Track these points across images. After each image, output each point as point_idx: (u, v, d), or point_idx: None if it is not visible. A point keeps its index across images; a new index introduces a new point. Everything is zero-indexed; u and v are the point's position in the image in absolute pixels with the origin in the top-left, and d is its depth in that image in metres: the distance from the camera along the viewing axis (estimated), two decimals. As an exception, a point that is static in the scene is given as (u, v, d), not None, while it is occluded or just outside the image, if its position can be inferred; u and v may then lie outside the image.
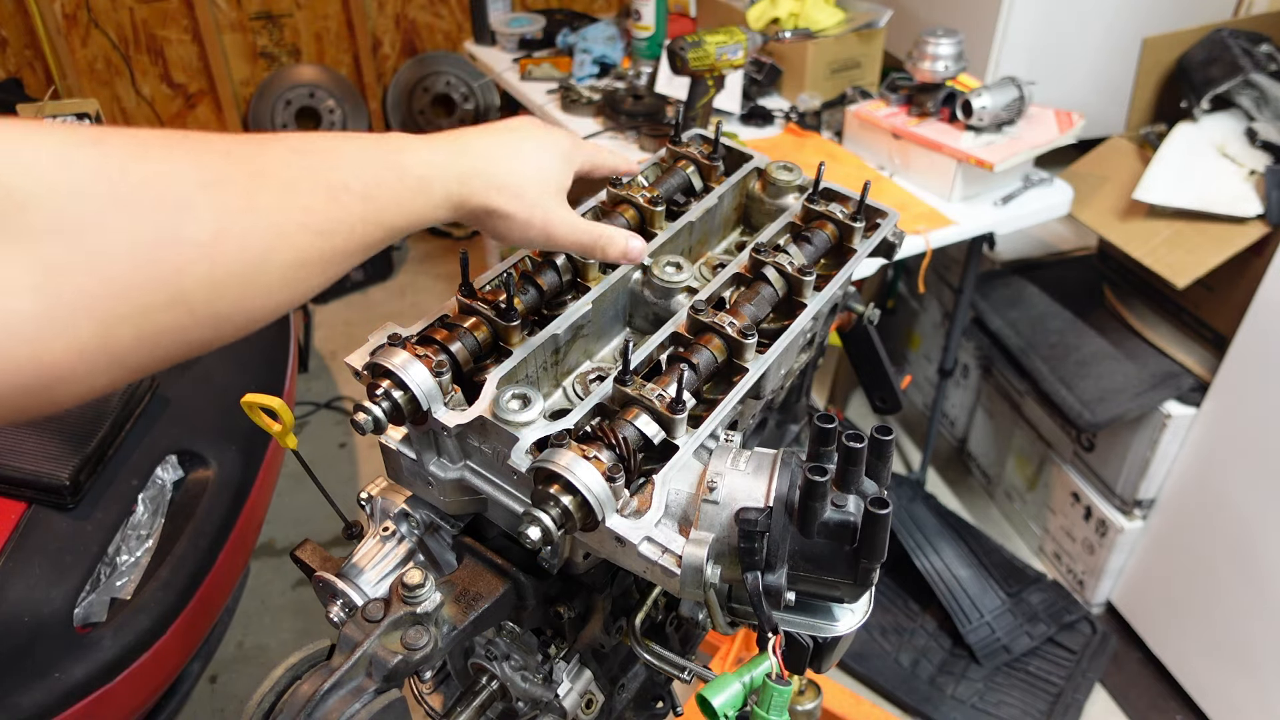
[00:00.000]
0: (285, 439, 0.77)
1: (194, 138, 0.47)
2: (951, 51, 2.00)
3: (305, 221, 0.49)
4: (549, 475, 0.62)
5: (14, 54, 3.55)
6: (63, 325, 0.40)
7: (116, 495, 1.50)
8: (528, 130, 0.68)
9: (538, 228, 0.65)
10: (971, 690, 2.18)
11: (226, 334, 0.48)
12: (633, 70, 2.49)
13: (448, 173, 0.59)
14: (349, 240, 0.52)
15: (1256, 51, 2.01)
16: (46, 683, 1.31)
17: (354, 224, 0.52)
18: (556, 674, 0.84)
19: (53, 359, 0.40)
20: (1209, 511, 2.03)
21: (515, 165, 0.64)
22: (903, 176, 2.06)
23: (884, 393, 1.18)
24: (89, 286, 0.40)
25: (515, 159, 0.64)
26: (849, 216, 0.87)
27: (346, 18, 3.98)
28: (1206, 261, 1.88)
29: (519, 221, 0.64)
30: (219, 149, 0.47)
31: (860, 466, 0.62)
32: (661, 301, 0.82)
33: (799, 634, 0.67)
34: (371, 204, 0.53)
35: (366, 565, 0.77)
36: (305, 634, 2.30)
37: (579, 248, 0.70)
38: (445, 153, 0.60)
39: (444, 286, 3.61)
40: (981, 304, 2.39)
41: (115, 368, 0.43)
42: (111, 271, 0.41)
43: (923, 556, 2.35)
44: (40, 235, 0.38)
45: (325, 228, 0.50)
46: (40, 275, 0.39)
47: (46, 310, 0.39)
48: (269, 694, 0.63)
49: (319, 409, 3.02)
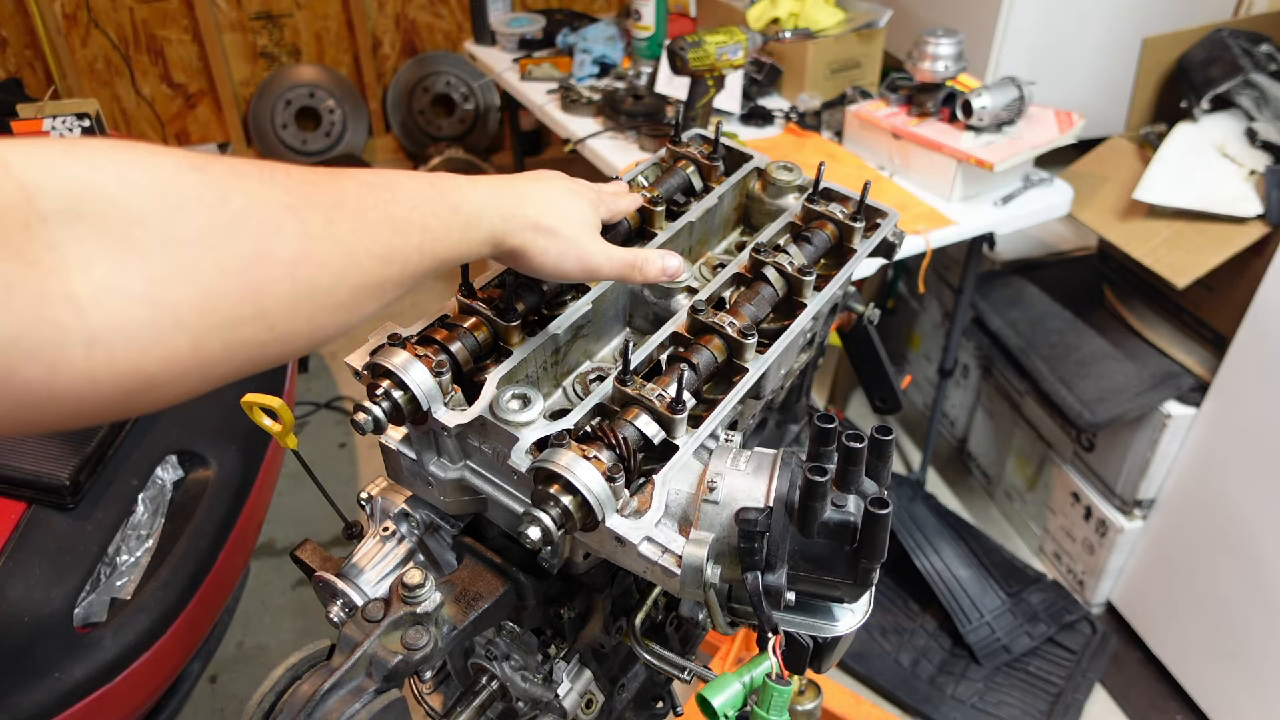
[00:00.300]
0: (285, 439, 0.77)
1: (281, 168, 0.51)
2: (951, 51, 2.00)
3: (372, 249, 0.53)
4: (549, 475, 0.62)
5: (14, 54, 3.55)
6: (164, 333, 0.43)
7: (116, 495, 1.50)
8: (556, 180, 0.73)
9: (573, 260, 0.69)
10: (971, 690, 2.18)
11: (297, 349, 0.51)
12: (633, 70, 2.49)
13: (493, 211, 0.63)
14: (405, 269, 0.56)
15: (1256, 51, 2.01)
16: (46, 683, 1.31)
17: (411, 254, 0.56)
18: (556, 674, 0.84)
19: (151, 365, 0.43)
20: (1209, 511, 2.03)
21: (550, 206, 0.68)
22: (903, 176, 2.06)
23: (884, 393, 1.18)
24: (187, 298, 0.43)
25: (550, 201, 0.69)
26: (849, 216, 0.87)
27: (346, 18, 3.98)
28: (1206, 261, 1.88)
29: (554, 255, 0.68)
30: (302, 177, 0.51)
31: (860, 466, 0.62)
32: (661, 301, 0.82)
33: (799, 634, 0.67)
34: (428, 235, 0.57)
35: (366, 565, 0.77)
36: (305, 634, 2.30)
37: (618, 275, 0.73)
38: (489, 193, 0.64)
39: (444, 286, 3.61)
40: (981, 304, 2.39)
41: (201, 376, 0.46)
42: (208, 285, 0.44)
43: (923, 556, 2.35)
44: (150, 249, 0.42)
45: (388, 255, 0.54)
46: (149, 285, 0.42)
47: (151, 318, 0.42)
48: (269, 694, 0.63)
49: (319, 409, 3.02)
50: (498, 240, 0.64)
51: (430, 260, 0.58)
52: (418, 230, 0.57)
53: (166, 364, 0.43)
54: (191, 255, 0.43)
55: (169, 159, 0.44)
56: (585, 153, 2.25)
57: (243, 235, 0.46)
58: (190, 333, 0.44)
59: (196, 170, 0.45)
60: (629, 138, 2.21)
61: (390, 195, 0.56)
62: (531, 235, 0.66)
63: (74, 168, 0.41)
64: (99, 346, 0.40)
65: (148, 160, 0.43)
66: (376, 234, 0.54)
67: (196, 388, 0.47)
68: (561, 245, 0.68)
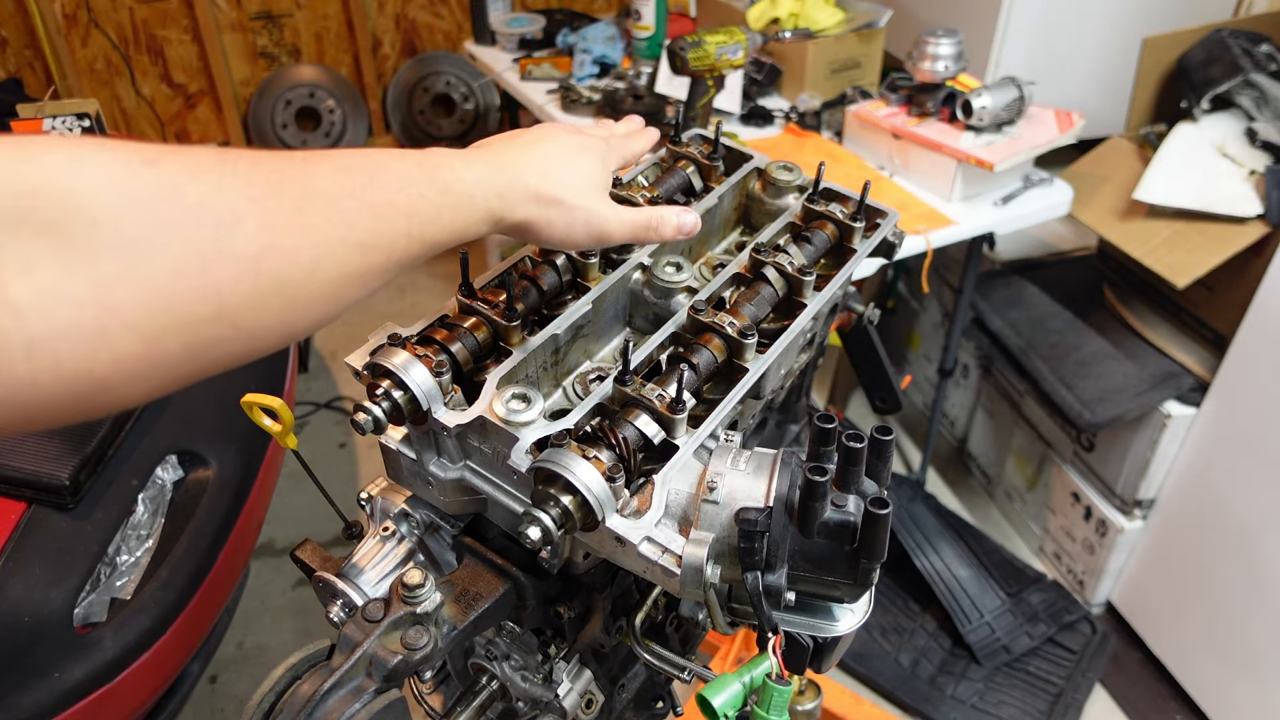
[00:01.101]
0: (285, 439, 0.77)
1: (247, 156, 0.48)
2: (951, 51, 2.00)
3: (349, 237, 0.51)
4: (549, 475, 0.62)
5: (14, 54, 3.54)
6: (111, 336, 0.41)
7: (116, 495, 1.50)
8: (560, 138, 0.68)
9: (581, 228, 0.66)
10: (971, 690, 2.18)
11: (269, 345, 0.49)
12: (633, 70, 2.49)
13: (489, 189, 0.60)
14: (390, 256, 0.53)
15: (1256, 51, 2.01)
16: (46, 683, 1.31)
17: (396, 239, 0.53)
18: (556, 674, 0.84)
19: (101, 368, 0.42)
20: (1209, 511, 2.03)
21: (551, 173, 0.64)
22: (903, 176, 2.06)
23: (884, 393, 1.18)
24: (138, 300, 0.42)
25: (550, 167, 0.65)
26: (849, 216, 0.87)
27: (346, 18, 3.97)
28: (1206, 261, 1.88)
29: (560, 227, 0.65)
30: (269, 166, 0.48)
31: (860, 466, 0.62)
32: (661, 301, 0.82)
33: (799, 634, 0.67)
34: (415, 220, 0.54)
35: (366, 565, 0.77)
36: (305, 634, 2.30)
37: (631, 237, 0.70)
38: (483, 168, 0.60)
39: (444, 286, 3.61)
40: (981, 304, 2.39)
41: (160, 377, 0.45)
42: (160, 286, 0.42)
43: (923, 556, 2.35)
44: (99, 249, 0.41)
45: (369, 243, 0.52)
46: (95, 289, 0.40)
47: (96, 321, 0.41)
48: (269, 694, 0.63)
49: (319, 409, 3.02)
50: (498, 218, 0.61)
51: (420, 245, 0.55)
52: (403, 215, 0.54)
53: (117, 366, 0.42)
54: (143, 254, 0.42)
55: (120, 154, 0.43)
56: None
57: (199, 231, 0.44)
58: (142, 334, 0.42)
59: (150, 165, 0.43)
60: (629, 138, 2.20)
61: (370, 179, 0.53)
62: (534, 208, 0.63)
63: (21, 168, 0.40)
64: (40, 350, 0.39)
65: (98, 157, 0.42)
66: (355, 221, 0.51)
67: (158, 388, 0.46)
68: (568, 215, 0.64)
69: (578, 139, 0.69)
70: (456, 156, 0.60)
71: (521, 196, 0.62)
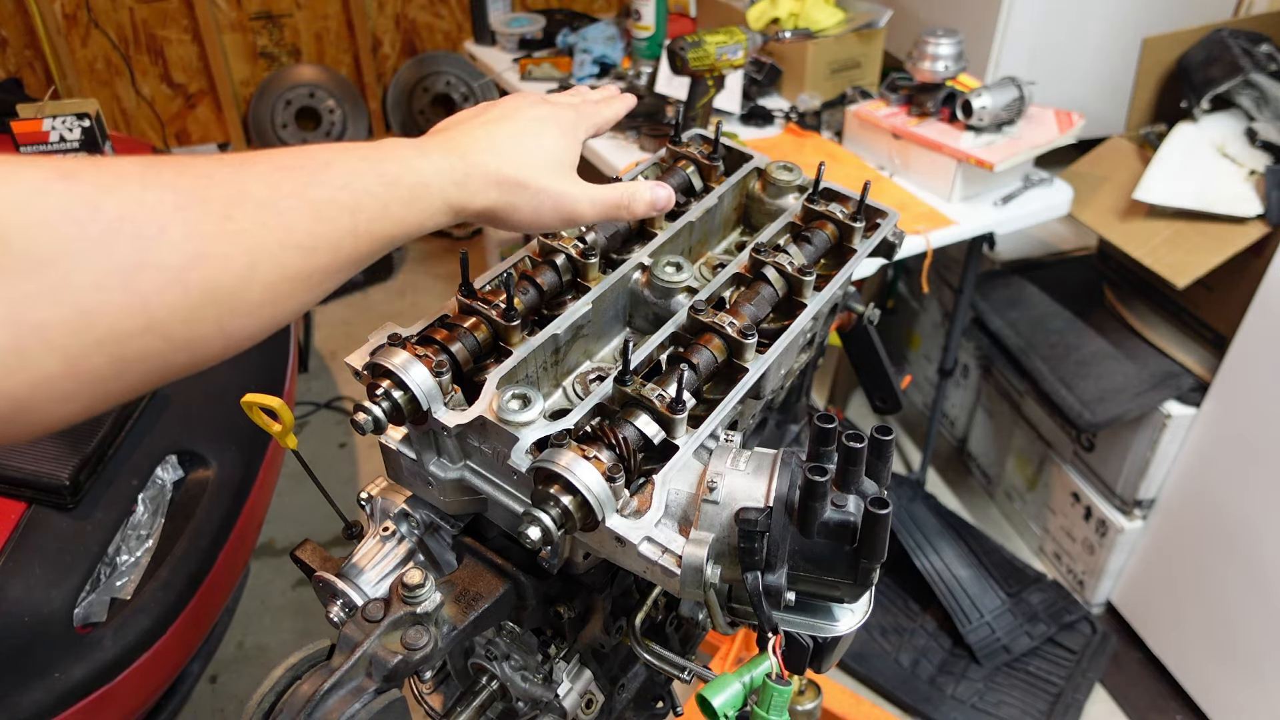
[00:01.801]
0: (285, 439, 0.77)
1: (173, 164, 0.46)
2: (951, 51, 2.00)
3: (287, 240, 0.49)
4: (549, 475, 0.61)
5: (14, 54, 3.55)
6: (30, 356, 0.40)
7: (116, 495, 1.50)
8: (522, 112, 0.65)
9: (549, 211, 0.63)
10: (971, 690, 2.18)
11: (209, 356, 0.48)
12: (633, 70, 2.49)
13: (445, 178, 0.57)
14: (336, 256, 0.51)
15: (1256, 51, 2.01)
16: (46, 683, 1.31)
17: (341, 238, 0.51)
18: (556, 674, 0.84)
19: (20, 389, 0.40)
20: (1209, 511, 2.03)
21: (513, 154, 0.61)
22: (903, 176, 2.06)
23: (884, 393, 1.18)
24: (56, 318, 0.40)
25: (512, 147, 0.62)
26: (849, 216, 0.87)
27: (346, 18, 3.97)
28: (1206, 261, 1.88)
29: (527, 212, 0.62)
30: (197, 172, 0.47)
31: (860, 466, 0.62)
32: (661, 301, 0.82)
33: (799, 634, 0.67)
34: (361, 216, 0.52)
35: (366, 565, 0.77)
36: (305, 634, 2.30)
37: (603, 216, 0.68)
38: (439, 156, 0.58)
39: (444, 286, 3.61)
40: (981, 304, 2.39)
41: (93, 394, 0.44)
42: (80, 302, 0.41)
43: (923, 556, 2.35)
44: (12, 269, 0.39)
45: (309, 244, 0.50)
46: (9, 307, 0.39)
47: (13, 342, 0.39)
48: (269, 694, 0.63)
49: (319, 409, 3.02)
50: (458, 207, 0.58)
51: (371, 242, 0.53)
52: (347, 212, 0.51)
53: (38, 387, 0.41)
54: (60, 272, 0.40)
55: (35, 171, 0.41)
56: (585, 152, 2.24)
57: (118, 244, 0.42)
58: (64, 353, 0.41)
59: (65, 179, 0.42)
60: (629, 138, 2.21)
61: (311, 177, 0.50)
62: (496, 194, 0.60)
63: None
64: None
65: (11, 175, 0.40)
66: (293, 223, 0.49)
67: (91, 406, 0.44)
68: (534, 198, 0.62)
69: (542, 110, 0.66)
70: (410, 146, 0.57)
71: (482, 183, 0.59)
